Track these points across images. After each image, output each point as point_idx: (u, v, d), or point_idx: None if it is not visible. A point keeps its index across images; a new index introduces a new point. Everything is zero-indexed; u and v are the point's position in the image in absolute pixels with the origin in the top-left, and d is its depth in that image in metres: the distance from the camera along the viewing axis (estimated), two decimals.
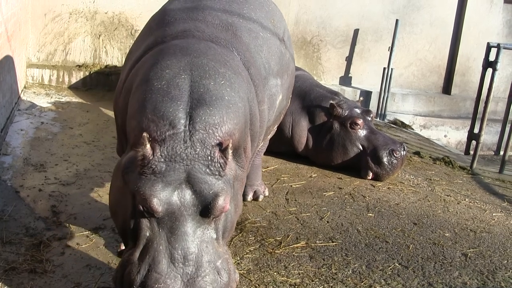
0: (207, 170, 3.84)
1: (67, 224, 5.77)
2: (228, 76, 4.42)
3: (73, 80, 11.95)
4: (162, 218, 3.79)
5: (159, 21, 5.36)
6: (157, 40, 4.97)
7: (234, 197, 4.16)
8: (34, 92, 10.92)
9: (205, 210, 3.82)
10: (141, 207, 3.77)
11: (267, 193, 7.09)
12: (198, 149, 3.84)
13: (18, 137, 8.25)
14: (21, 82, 10.37)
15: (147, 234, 3.83)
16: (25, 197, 6.30)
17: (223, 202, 3.81)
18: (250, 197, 6.88)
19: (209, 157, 3.85)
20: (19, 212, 5.93)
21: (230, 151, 3.91)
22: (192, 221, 3.83)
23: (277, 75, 5.56)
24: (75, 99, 10.91)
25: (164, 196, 3.74)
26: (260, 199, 6.91)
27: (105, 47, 12.22)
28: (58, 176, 6.97)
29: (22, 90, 10.44)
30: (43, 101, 10.42)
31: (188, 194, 3.80)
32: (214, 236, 3.96)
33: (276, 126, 6.40)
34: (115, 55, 12.38)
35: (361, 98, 9.66)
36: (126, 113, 4.47)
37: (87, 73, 12.00)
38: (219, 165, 3.86)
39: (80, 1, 12.18)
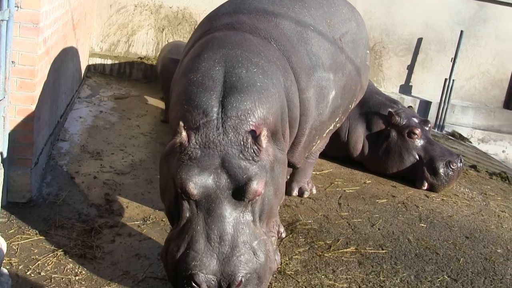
0: (241, 155, 4.02)
1: (119, 213, 5.85)
2: (261, 64, 4.57)
3: (134, 72, 12.06)
4: (200, 200, 4.01)
5: (209, 16, 5.59)
6: (202, 33, 5.19)
7: (274, 180, 4.30)
8: (95, 81, 11.07)
9: (239, 193, 4.01)
10: (179, 190, 4.00)
11: (314, 191, 7.10)
12: (230, 135, 4.05)
13: (76, 124, 8.38)
14: (83, 71, 10.52)
15: (187, 215, 4.08)
16: (80, 183, 6.40)
17: (256, 186, 3.98)
18: (295, 192, 6.94)
19: (242, 143, 4.04)
20: (73, 197, 6.04)
21: (264, 138, 4.06)
22: (228, 203, 4.03)
23: (329, 69, 5.56)
24: (134, 90, 11.02)
25: (200, 180, 3.96)
26: (305, 196, 6.94)
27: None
28: (113, 165, 7.06)
29: (83, 79, 10.59)
30: (103, 91, 10.56)
31: (223, 178, 4.00)
32: (251, 218, 4.14)
33: (332, 126, 6.33)
34: None
35: (411, 106, 9.58)
36: None
37: (148, 66, 12.11)
38: (252, 150, 4.03)
39: None
